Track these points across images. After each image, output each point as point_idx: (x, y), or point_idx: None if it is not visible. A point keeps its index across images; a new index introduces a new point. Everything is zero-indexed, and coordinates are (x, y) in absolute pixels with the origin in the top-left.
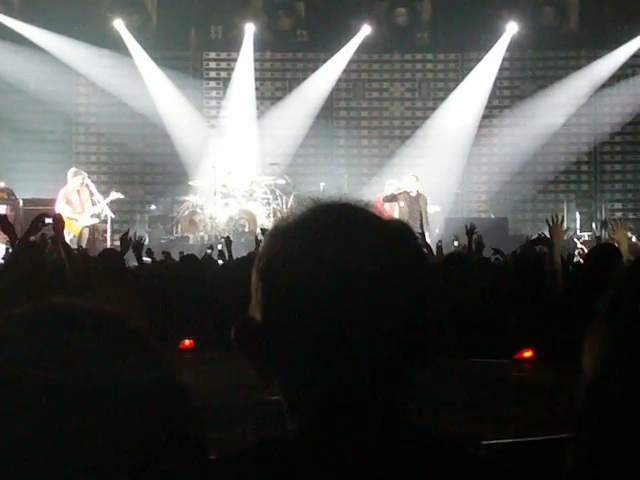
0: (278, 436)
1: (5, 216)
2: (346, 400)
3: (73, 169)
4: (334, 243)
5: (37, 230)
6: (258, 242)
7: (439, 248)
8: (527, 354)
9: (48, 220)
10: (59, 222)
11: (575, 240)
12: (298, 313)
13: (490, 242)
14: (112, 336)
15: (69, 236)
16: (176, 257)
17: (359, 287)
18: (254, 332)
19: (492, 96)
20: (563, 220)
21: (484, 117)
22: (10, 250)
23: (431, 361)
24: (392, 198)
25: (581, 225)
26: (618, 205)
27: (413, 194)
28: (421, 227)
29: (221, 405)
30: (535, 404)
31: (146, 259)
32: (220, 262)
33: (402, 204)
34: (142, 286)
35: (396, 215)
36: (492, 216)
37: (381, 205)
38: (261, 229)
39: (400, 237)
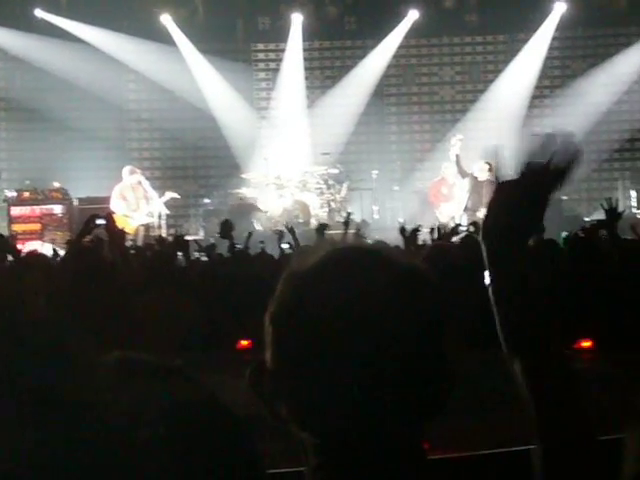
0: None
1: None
2: (358, 441)
3: (129, 167)
4: (343, 290)
5: (89, 231)
6: (319, 230)
7: None
8: (586, 344)
9: (100, 221)
10: (111, 221)
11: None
12: (305, 359)
13: (545, 223)
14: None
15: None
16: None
17: (368, 334)
18: (265, 375)
19: (542, 76)
20: (618, 202)
21: (535, 97)
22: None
23: (446, 405)
24: (463, 174)
25: (638, 203)
26: None
27: (481, 179)
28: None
29: None
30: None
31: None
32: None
33: (466, 189)
34: (194, 284)
35: (455, 197)
36: None
37: (436, 189)
38: (319, 224)
39: (412, 281)
